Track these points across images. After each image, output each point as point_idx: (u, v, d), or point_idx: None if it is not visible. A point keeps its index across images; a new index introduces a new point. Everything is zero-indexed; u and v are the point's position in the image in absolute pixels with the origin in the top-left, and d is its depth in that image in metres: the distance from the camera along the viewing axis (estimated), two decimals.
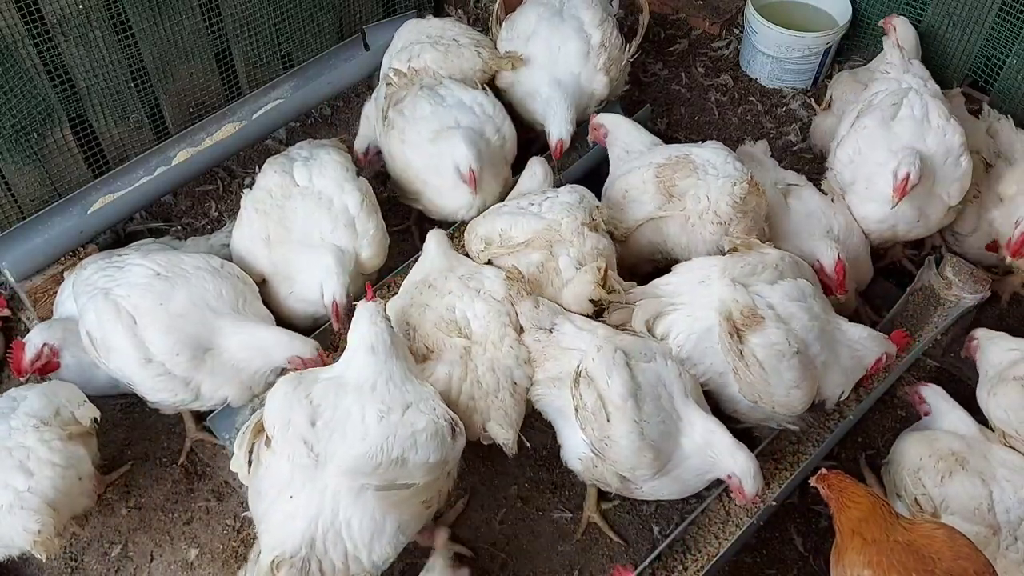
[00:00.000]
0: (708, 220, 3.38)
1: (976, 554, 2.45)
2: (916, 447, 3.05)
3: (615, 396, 2.74)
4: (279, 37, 4.34)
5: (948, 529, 2.52)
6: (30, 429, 2.86)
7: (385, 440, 2.59)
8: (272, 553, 2.54)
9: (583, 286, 3.12)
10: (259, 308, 3.26)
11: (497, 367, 3.02)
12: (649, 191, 3.50)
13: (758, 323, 2.95)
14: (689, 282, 3.19)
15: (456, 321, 3.08)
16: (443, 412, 2.75)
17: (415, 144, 3.68)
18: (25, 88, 3.59)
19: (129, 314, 3.01)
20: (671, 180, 3.44)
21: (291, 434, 2.62)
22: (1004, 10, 4.23)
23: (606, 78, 4.08)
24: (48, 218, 3.71)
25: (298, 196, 3.41)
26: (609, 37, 4.11)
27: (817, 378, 3.07)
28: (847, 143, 3.65)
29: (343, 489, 2.58)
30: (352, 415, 2.65)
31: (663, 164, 3.49)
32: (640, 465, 2.78)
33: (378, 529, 2.61)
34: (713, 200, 3.34)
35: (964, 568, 2.41)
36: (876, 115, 3.60)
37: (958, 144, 3.51)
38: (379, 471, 2.57)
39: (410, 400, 2.72)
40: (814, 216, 3.59)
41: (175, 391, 3.06)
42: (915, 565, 2.43)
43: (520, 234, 3.24)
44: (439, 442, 2.67)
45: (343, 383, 2.74)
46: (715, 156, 3.47)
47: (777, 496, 3.02)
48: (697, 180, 3.42)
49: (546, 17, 4.16)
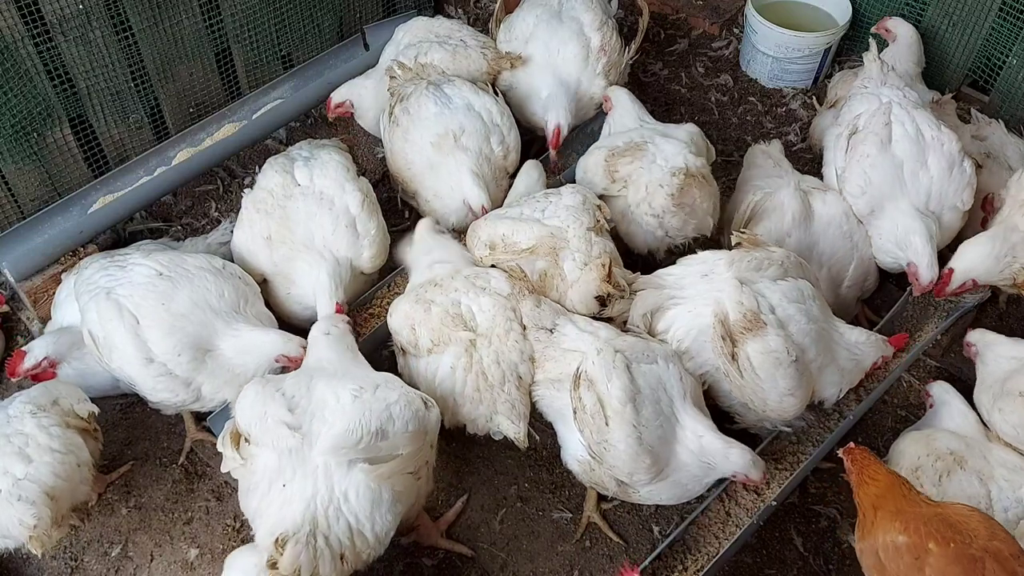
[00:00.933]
0: (643, 212, 3.44)
1: (1012, 540, 2.43)
2: (914, 447, 3.05)
3: (614, 400, 2.74)
4: (279, 37, 4.34)
5: (982, 513, 2.51)
6: (27, 416, 2.87)
7: (363, 415, 2.65)
8: (273, 535, 2.54)
9: (588, 284, 3.11)
10: (260, 309, 3.27)
11: (502, 360, 3.03)
12: (599, 173, 3.59)
13: (760, 328, 2.93)
14: (692, 275, 3.18)
15: (461, 315, 3.09)
16: (411, 389, 2.84)
17: (417, 144, 3.69)
18: (25, 88, 3.59)
19: (131, 314, 3.02)
20: (615, 166, 3.52)
21: (270, 423, 2.67)
22: (1004, 10, 4.23)
23: (605, 82, 4.08)
24: (48, 218, 3.71)
25: (299, 196, 3.42)
26: (609, 40, 4.11)
27: (812, 384, 3.08)
28: (853, 174, 3.57)
29: (333, 465, 2.62)
30: (327, 400, 2.72)
31: (613, 149, 3.57)
32: (637, 470, 2.78)
33: (375, 498, 2.65)
34: (650, 191, 3.39)
35: (1000, 549, 2.38)
36: (874, 141, 3.55)
37: (957, 151, 3.50)
38: (361, 445, 2.61)
39: (379, 381, 2.82)
40: (835, 224, 3.56)
41: (176, 392, 3.07)
42: (952, 535, 2.39)
43: (524, 240, 3.23)
44: (414, 411, 2.75)
45: (311, 373, 2.85)
46: (671, 146, 3.48)
47: (777, 496, 3.02)
48: (640, 168, 3.46)
49: (545, 19, 4.15)
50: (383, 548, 2.72)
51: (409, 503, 2.85)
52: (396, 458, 2.69)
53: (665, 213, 3.42)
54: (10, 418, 2.88)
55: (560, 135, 3.89)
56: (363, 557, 2.66)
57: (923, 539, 2.41)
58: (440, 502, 3.30)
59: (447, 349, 3.06)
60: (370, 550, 2.67)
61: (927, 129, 3.54)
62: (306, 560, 2.48)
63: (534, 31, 4.14)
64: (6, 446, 2.80)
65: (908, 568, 2.41)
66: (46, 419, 2.88)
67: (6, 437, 2.82)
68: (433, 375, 3.09)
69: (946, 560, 2.36)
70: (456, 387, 3.05)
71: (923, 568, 2.38)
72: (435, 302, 3.12)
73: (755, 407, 3.04)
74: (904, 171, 3.51)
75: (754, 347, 2.93)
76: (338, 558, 2.57)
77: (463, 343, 3.05)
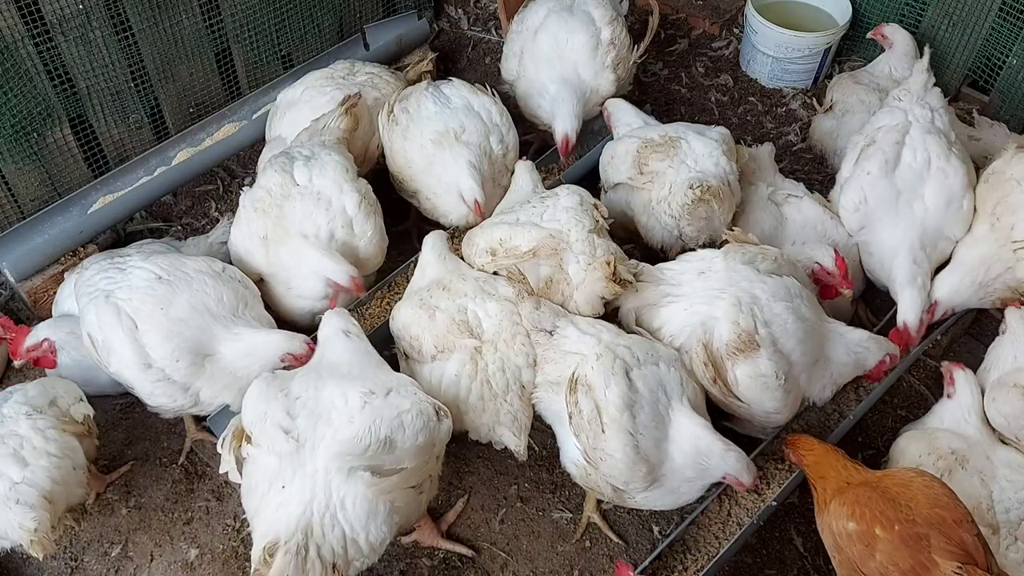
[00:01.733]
0: (663, 210, 3.46)
1: (955, 503, 2.44)
2: (916, 445, 3.04)
3: (611, 407, 2.73)
4: (279, 37, 4.34)
5: (927, 477, 2.52)
6: (22, 417, 2.85)
7: (372, 422, 2.61)
8: (264, 540, 2.52)
9: (594, 284, 3.08)
10: (260, 312, 3.25)
11: (507, 367, 3.02)
12: (627, 161, 3.60)
13: (752, 350, 2.92)
14: (689, 271, 3.19)
15: (467, 321, 3.07)
16: (425, 396, 2.78)
17: (417, 142, 3.69)
18: (25, 88, 3.59)
19: (130, 318, 3.00)
20: (646, 159, 3.53)
21: (268, 424, 2.65)
22: (1004, 10, 4.23)
23: (613, 75, 4.08)
24: (48, 218, 3.72)
25: (297, 196, 3.40)
26: (619, 35, 4.11)
27: (800, 396, 3.10)
28: (852, 188, 3.59)
29: (333, 470, 2.59)
30: (335, 402, 2.68)
31: (648, 142, 3.58)
32: (633, 479, 2.77)
33: (372, 509, 2.61)
34: (674, 191, 3.41)
35: (941, 517, 2.40)
36: (879, 160, 3.55)
37: (959, 188, 3.51)
38: (368, 453, 2.58)
39: (391, 384, 2.76)
40: (809, 225, 3.59)
41: (174, 396, 3.06)
42: (896, 515, 2.43)
43: (524, 242, 3.20)
44: (425, 422, 2.70)
45: (320, 373, 2.80)
46: (704, 147, 3.49)
47: (777, 496, 3.02)
48: (670, 167, 3.47)
49: (556, 11, 4.16)
50: (376, 557, 2.69)
51: (409, 517, 2.82)
52: (400, 472, 2.64)
53: (680, 219, 3.43)
54: (4, 418, 2.86)
55: (569, 144, 3.90)
56: (356, 565, 2.62)
57: (870, 525, 2.46)
58: (440, 502, 3.30)
59: (452, 356, 3.05)
60: (363, 559, 2.63)
61: (936, 159, 3.53)
62: (294, 570, 2.45)
63: (544, 22, 4.15)
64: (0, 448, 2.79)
65: (861, 555, 2.48)
66: (42, 421, 2.86)
67: (0, 439, 2.81)
68: (438, 382, 3.07)
69: (893, 545, 2.41)
70: (460, 394, 3.03)
71: (874, 554, 2.45)
72: (440, 308, 3.10)
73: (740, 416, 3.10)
74: (899, 201, 3.53)
75: (743, 370, 2.94)
76: (329, 567, 2.53)
77: (468, 350, 3.04)
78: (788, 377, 2.98)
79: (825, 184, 4.25)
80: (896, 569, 2.40)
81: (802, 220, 3.60)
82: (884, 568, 2.42)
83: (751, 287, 3.04)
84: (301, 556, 2.47)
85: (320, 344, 3.02)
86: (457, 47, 5.09)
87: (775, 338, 2.96)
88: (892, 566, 2.41)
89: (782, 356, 2.96)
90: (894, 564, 2.40)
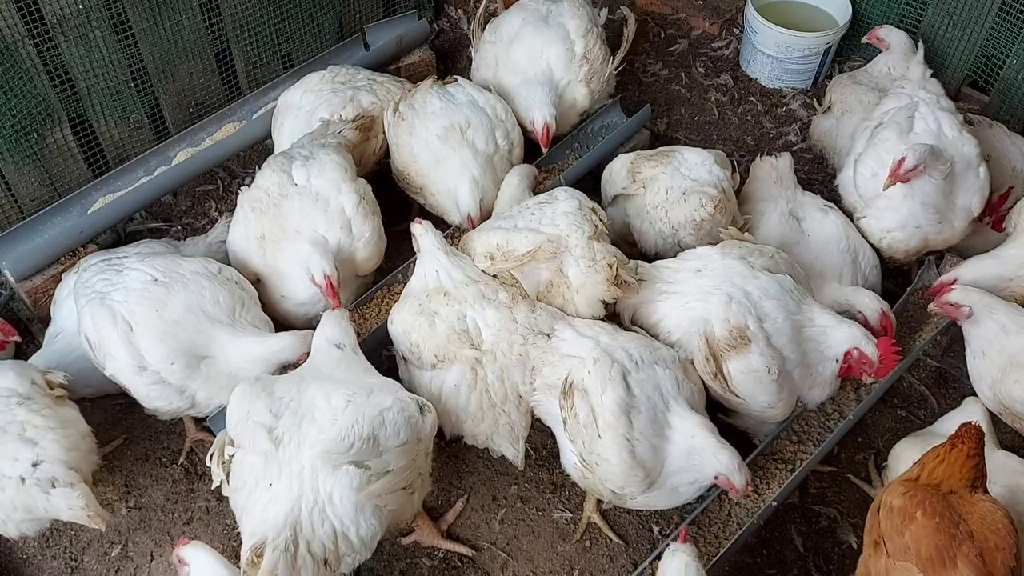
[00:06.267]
0: (658, 216, 3.48)
1: (1007, 532, 2.46)
2: (912, 451, 3.03)
3: (607, 412, 2.73)
4: (279, 37, 4.34)
5: (996, 504, 2.54)
6: (14, 405, 2.85)
7: (355, 420, 2.62)
8: (252, 540, 2.52)
9: (595, 287, 3.07)
10: (257, 314, 3.24)
11: (506, 376, 3.03)
12: (622, 173, 3.66)
13: (744, 346, 2.94)
14: (686, 269, 3.21)
15: (467, 331, 3.06)
16: (407, 394, 2.81)
17: (423, 137, 3.69)
18: (25, 88, 3.59)
19: (125, 320, 3.00)
20: (639, 167, 3.60)
21: (250, 423, 2.66)
22: (1004, 10, 4.23)
23: (586, 90, 4.07)
24: (48, 218, 3.71)
25: (295, 196, 3.39)
26: (592, 49, 4.08)
27: (795, 390, 3.11)
28: (868, 157, 3.62)
29: (319, 466, 2.59)
30: (318, 403, 2.70)
31: (640, 153, 3.68)
32: (630, 483, 2.77)
33: (360, 502, 2.61)
34: (670, 199, 3.44)
35: (985, 536, 2.44)
36: (894, 128, 3.60)
37: (974, 155, 3.53)
38: (352, 451, 2.59)
39: (373, 386, 2.79)
40: (832, 243, 3.54)
41: (170, 399, 3.07)
42: (943, 511, 2.47)
43: (522, 246, 3.16)
44: (407, 418, 2.72)
45: (304, 377, 2.82)
46: (697, 157, 3.54)
47: (777, 496, 3.02)
48: (663, 172, 3.50)
49: (531, 22, 4.14)
50: (369, 552, 2.69)
51: (401, 513, 2.82)
52: (387, 474, 2.65)
53: (680, 229, 3.43)
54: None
55: (550, 132, 3.86)
56: (348, 560, 2.62)
57: (915, 508, 2.49)
58: (440, 502, 3.30)
59: (452, 367, 3.05)
60: (355, 554, 2.63)
61: (948, 129, 3.56)
62: (283, 567, 2.44)
63: (519, 32, 4.13)
64: (3, 435, 2.79)
65: (894, 529, 2.52)
66: (35, 404, 2.87)
67: (1, 428, 2.80)
68: (438, 390, 3.08)
69: (926, 531, 2.45)
70: (460, 403, 3.04)
71: (903, 532, 2.48)
72: (439, 315, 3.08)
73: (740, 412, 3.12)
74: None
75: (736, 365, 2.95)
76: (321, 563, 2.52)
77: (468, 360, 3.03)
78: (781, 372, 2.99)
79: (825, 184, 4.25)
80: (915, 553, 2.44)
81: (824, 238, 3.55)
82: (907, 547, 2.47)
83: (744, 283, 3.06)
84: (290, 553, 2.47)
85: (314, 350, 3.00)
86: (457, 47, 5.09)
87: (767, 333, 2.98)
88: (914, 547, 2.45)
89: (774, 351, 2.98)
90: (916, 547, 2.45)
